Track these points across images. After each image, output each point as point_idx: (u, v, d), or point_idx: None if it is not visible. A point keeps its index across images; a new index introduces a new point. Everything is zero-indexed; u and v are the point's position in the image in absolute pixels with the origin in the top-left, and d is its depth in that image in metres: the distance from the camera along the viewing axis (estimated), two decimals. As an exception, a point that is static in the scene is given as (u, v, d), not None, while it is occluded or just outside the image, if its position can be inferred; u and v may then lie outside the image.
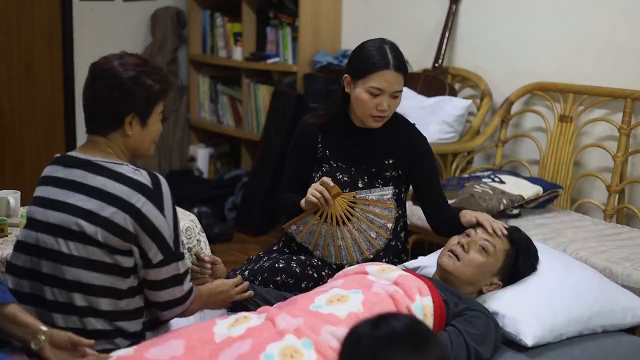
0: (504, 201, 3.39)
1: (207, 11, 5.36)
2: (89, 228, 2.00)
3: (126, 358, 1.96)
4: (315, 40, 4.80)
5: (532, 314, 2.35)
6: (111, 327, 2.06)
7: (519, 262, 2.45)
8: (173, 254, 2.07)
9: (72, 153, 2.16)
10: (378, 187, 2.72)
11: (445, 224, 2.70)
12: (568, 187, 3.70)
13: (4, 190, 2.79)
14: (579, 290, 2.48)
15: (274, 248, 2.85)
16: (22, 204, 2.81)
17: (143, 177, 2.08)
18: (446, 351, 1.57)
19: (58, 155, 2.24)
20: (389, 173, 2.73)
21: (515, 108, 4.01)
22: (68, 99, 5.13)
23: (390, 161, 2.73)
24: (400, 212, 2.78)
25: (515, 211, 3.47)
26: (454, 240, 2.48)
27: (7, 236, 2.59)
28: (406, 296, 2.20)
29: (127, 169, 2.10)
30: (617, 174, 3.54)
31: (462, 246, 2.43)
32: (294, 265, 2.62)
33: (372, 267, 2.36)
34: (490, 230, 2.46)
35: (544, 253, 2.68)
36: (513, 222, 3.36)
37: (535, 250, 2.51)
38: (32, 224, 2.10)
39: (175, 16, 5.37)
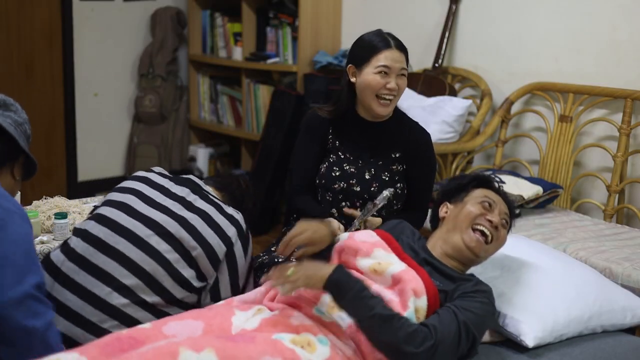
0: (504, 201, 3.38)
1: (207, 11, 5.36)
2: (189, 241, 2.16)
3: (144, 330, 1.96)
4: (315, 40, 4.80)
5: (533, 315, 2.34)
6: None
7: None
8: (239, 292, 2.30)
9: (187, 176, 2.40)
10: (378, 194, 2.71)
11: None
12: (568, 187, 3.70)
13: (4, 190, 2.78)
14: (579, 291, 2.48)
15: (273, 249, 2.86)
16: (22, 204, 2.80)
17: (240, 218, 2.31)
18: None
19: (161, 169, 2.43)
20: (395, 167, 2.76)
21: (515, 108, 4.01)
22: (68, 99, 5.14)
23: (397, 155, 2.76)
24: (400, 207, 2.80)
25: (516, 211, 3.47)
26: (478, 215, 2.28)
27: (7, 236, 2.58)
28: (400, 305, 2.13)
29: (229, 208, 2.32)
30: (617, 174, 3.54)
31: (496, 226, 2.27)
32: (293, 260, 2.63)
33: (364, 263, 2.18)
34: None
35: (544, 253, 2.68)
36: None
37: None
38: (126, 208, 2.22)
39: (175, 16, 5.38)
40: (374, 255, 2.19)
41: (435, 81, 4.16)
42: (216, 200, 2.31)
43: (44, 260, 2.22)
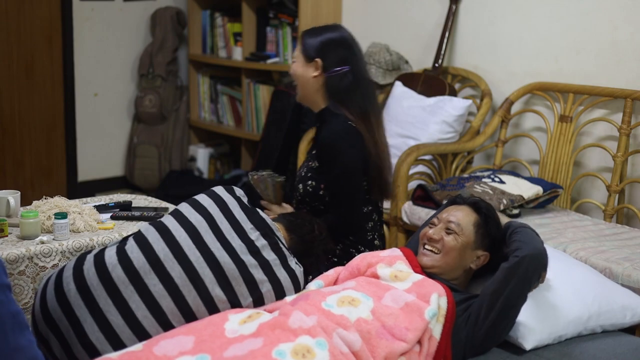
0: (504, 201, 3.39)
1: (207, 11, 5.36)
2: (244, 293, 2.18)
3: (135, 353, 1.96)
4: (315, 40, 4.79)
5: (532, 317, 2.34)
6: None
7: (489, 228, 2.41)
8: None
9: (262, 214, 2.35)
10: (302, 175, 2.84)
11: None
12: (568, 187, 3.70)
13: (4, 190, 2.79)
14: (578, 291, 2.47)
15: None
16: (22, 204, 2.81)
17: (300, 273, 2.29)
18: None
19: (242, 193, 2.39)
20: (313, 163, 2.81)
21: (515, 108, 4.01)
22: (68, 99, 5.14)
23: (314, 151, 2.81)
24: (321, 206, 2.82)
25: (515, 211, 3.47)
26: (423, 235, 2.43)
27: (7, 236, 2.59)
28: (422, 300, 2.18)
29: (292, 260, 2.27)
30: (617, 174, 3.54)
31: (433, 239, 2.39)
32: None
33: (384, 271, 2.32)
34: None
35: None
36: (513, 222, 3.36)
37: (495, 213, 2.49)
38: (194, 234, 2.20)
39: (175, 16, 5.38)
40: (395, 267, 2.33)
41: (435, 81, 4.16)
42: (283, 249, 2.27)
43: (97, 255, 2.18)
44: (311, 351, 1.96)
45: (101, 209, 2.89)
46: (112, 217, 2.84)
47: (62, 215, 2.58)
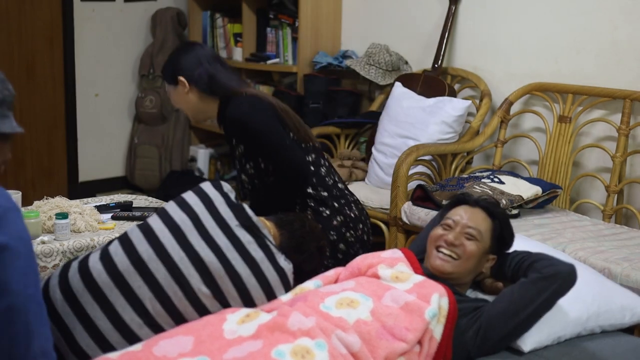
0: (503, 201, 3.39)
1: (207, 12, 5.37)
2: (231, 292, 2.15)
3: (135, 353, 1.96)
4: (315, 41, 4.81)
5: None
6: None
7: (505, 234, 2.41)
8: None
9: (249, 211, 2.28)
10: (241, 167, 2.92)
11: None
12: (567, 188, 3.70)
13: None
14: (577, 291, 2.47)
15: None
16: (23, 204, 2.82)
17: (289, 270, 2.24)
18: None
19: (229, 189, 2.35)
20: (236, 151, 2.91)
21: (514, 108, 4.02)
22: (68, 99, 5.15)
23: (234, 141, 2.89)
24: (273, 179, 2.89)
25: (515, 211, 3.48)
26: (438, 237, 2.38)
27: (8, 236, 2.59)
28: (422, 300, 2.18)
29: (281, 257, 2.24)
30: (616, 175, 3.55)
31: (454, 244, 2.34)
32: None
33: (385, 272, 2.31)
34: None
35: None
36: (512, 223, 3.36)
37: (508, 217, 2.51)
38: (178, 234, 2.19)
39: (175, 17, 5.39)
40: (396, 268, 2.32)
41: (434, 82, 4.17)
42: (271, 246, 2.23)
43: (81, 260, 2.17)
44: (310, 352, 1.96)
45: (102, 209, 2.91)
46: (113, 218, 2.85)
47: (63, 215, 2.59)
